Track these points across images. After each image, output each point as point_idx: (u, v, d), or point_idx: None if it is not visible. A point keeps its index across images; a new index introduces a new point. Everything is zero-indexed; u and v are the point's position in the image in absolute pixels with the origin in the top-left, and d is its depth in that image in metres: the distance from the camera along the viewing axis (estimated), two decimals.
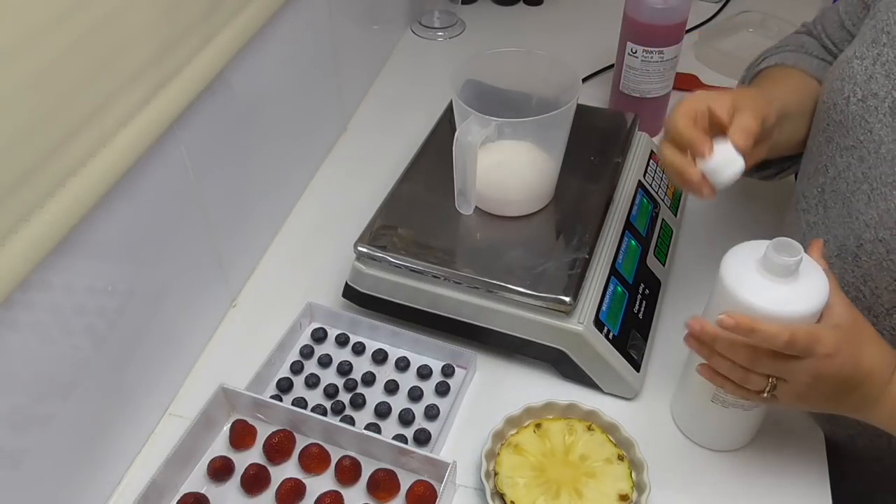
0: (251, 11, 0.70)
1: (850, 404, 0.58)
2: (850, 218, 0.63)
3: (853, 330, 0.56)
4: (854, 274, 0.64)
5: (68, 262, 0.54)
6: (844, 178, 0.64)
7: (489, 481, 0.63)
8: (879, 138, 0.60)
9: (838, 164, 0.65)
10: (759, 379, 0.57)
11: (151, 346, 0.67)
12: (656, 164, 0.88)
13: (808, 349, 0.54)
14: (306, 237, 0.89)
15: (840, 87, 0.65)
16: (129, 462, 0.67)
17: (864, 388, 0.56)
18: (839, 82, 0.65)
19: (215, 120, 0.70)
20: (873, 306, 0.63)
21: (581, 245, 0.72)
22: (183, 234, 0.69)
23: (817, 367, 0.54)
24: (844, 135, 0.64)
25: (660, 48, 0.91)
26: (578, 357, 0.70)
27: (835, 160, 0.65)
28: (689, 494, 0.65)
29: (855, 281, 0.64)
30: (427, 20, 1.24)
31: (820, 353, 0.54)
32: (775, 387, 0.56)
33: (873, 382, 0.56)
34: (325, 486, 0.65)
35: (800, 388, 0.56)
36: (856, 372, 0.55)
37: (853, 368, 0.55)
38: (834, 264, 0.65)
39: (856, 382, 0.56)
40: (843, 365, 0.54)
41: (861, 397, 0.56)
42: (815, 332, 0.54)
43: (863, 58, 0.63)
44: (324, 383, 0.72)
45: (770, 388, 0.56)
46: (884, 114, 0.60)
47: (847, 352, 0.54)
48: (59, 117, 0.49)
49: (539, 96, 0.75)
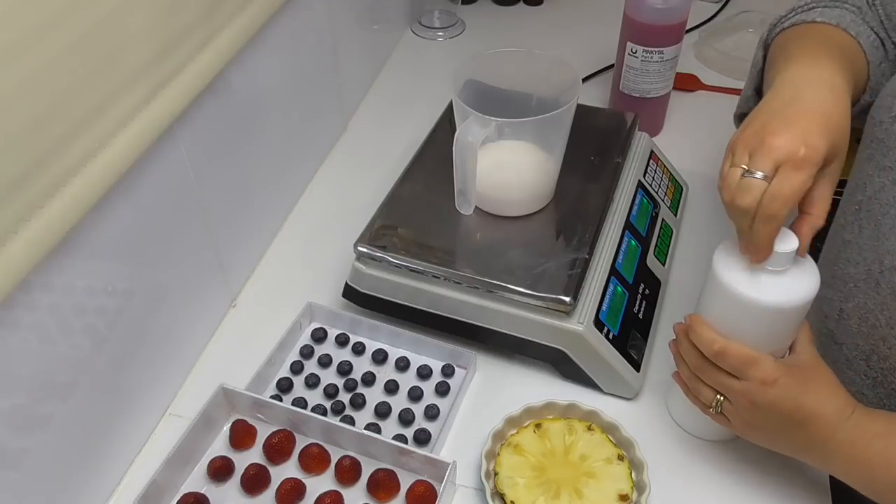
0: (251, 11, 0.70)
1: (799, 445, 0.57)
2: (877, 241, 0.61)
3: (803, 370, 0.55)
4: (874, 300, 0.62)
5: (68, 262, 0.54)
6: (878, 199, 0.62)
7: (489, 481, 0.63)
8: None
9: (875, 183, 0.62)
10: (708, 391, 0.58)
11: (151, 346, 0.67)
12: (656, 164, 0.88)
13: (742, 369, 0.54)
14: (306, 237, 0.89)
15: (889, 104, 0.60)
16: (129, 462, 0.67)
17: (807, 429, 0.55)
18: (890, 99, 0.61)
19: (215, 120, 0.70)
20: (887, 337, 0.62)
21: (581, 245, 0.72)
22: (183, 234, 0.69)
23: (753, 392, 0.54)
24: (884, 154, 0.61)
25: (660, 48, 0.91)
26: (578, 357, 0.70)
27: (872, 179, 0.62)
28: (689, 494, 0.65)
29: (874, 308, 0.62)
30: (427, 20, 1.24)
31: (755, 378, 0.54)
32: (720, 404, 0.57)
33: (819, 426, 0.54)
34: (325, 486, 0.65)
35: (743, 414, 0.56)
36: (796, 410, 0.54)
37: (792, 405, 0.54)
38: (859, 288, 0.63)
39: (798, 421, 0.54)
40: (780, 398, 0.54)
41: (808, 440, 0.55)
42: (753, 355, 0.54)
43: None
44: (324, 383, 0.72)
45: (716, 403, 0.57)
46: None
47: (785, 386, 0.54)
48: (59, 117, 0.49)
49: (539, 96, 0.75)
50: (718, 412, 0.58)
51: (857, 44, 0.63)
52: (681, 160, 0.93)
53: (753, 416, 0.56)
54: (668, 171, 0.89)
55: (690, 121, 1.04)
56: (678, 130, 1.01)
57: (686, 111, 1.04)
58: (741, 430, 0.59)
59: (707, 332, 0.55)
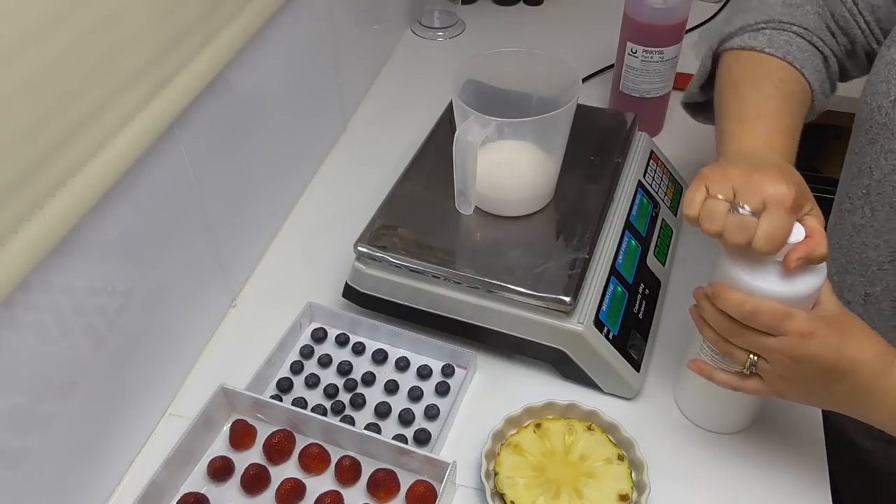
0: (251, 11, 0.70)
1: (840, 397, 0.56)
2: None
3: (836, 320, 0.55)
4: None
5: (68, 262, 0.54)
6: (890, 181, 0.62)
7: (489, 481, 0.63)
8: None
9: (883, 167, 0.63)
10: (740, 353, 0.56)
11: (151, 346, 0.67)
12: (656, 164, 0.88)
13: (777, 325, 0.53)
14: (306, 237, 0.89)
15: (886, 90, 0.63)
16: (129, 462, 0.67)
17: (851, 379, 0.54)
18: (885, 85, 0.63)
19: (215, 120, 0.70)
20: None
21: (581, 245, 0.72)
22: (183, 234, 0.69)
23: (792, 346, 0.53)
24: (889, 137, 0.62)
25: (660, 48, 0.91)
26: (578, 357, 0.70)
27: (879, 163, 0.63)
28: (689, 494, 0.65)
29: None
30: (427, 20, 1.24)
31: (792, 331, 0.53)
32: (755, 364, 0.56)
33: (862, 375, 0.54)
34: (325, 486, 0.65)
35: (780, 370, 0.55)
36: (838, 360, 0.54)
37: (834, 355, 0.53)
38: (886, 271, 0.63)
39: (841, 372, 0.54)
40: (822, 349, 0.53)
41: (850, 390, 0.55)
42: (785, 309, 0.53)
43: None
44: (324, 383, 0.72)
45: (750, 364, 0.56)
46: None
47: (825, 337, 0.53)
48: (59, 117, 0.49)
49: (539, 96, 0.75)
50: (753, 373, 0.57)
51: (801, 76, 0.67)
52: (681, 160, 0.93)
53: (793, 372, 0.55)
54: (668, 171, 0.89)
55: (690, 121, 1.03)
56: (678, 130, 1.01)
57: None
58: (779, 387, 0.57)
59: (735, 295, 0.54)
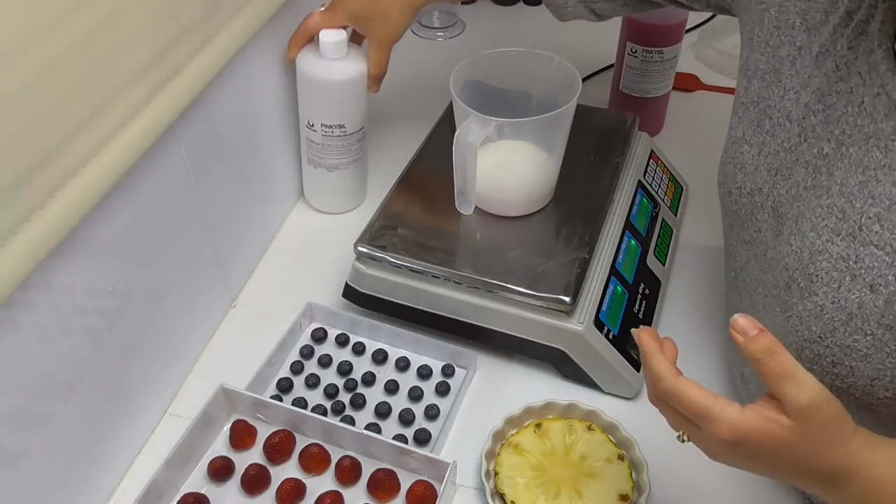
0: (251, 11, 0.70)
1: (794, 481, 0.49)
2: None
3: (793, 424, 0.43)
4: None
5: (68, 263, 0.54)
6: (747, 272, 0.59)
7: (489, 481, 0.63)
8: (766, 240, 0.55)
9: (740, 256, 0.60)
10: (671, 419, 0.49)
11: (151, 346, 0.67)
12: (656, 164, 0.88)
13: (696, 419, 0.45)
14: (306, 237, 0.89)
15: (733, 174, 0.59)
16: (129, 462, 0.67)
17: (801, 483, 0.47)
18: (732, 168, 0.59)
19: (215, 120, 0.70)
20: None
21: (581, 245, 0.72)
22: (183, 234, 0.69)
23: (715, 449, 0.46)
24: (742, 226, 0.59)
25: (660, 48, 0.91)
26: (578, 357, 0.70)
27: (738, 251, 0.61)
28: (689, 494, 0.65)
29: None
30: (427, 20, 1.24)
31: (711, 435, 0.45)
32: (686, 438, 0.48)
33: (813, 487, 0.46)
34: (326, 486, 0.65)
35: (713, 455, 0.47)
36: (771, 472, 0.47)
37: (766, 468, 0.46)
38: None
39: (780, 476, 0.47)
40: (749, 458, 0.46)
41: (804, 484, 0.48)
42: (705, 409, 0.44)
43: (751, 144, 0.58)
44: (324, 383, 0.72)
45: (680, 436, 0.48)
46: (767, 213, 0.55)
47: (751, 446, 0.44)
48: (59, 117, 0.49)
49: (539, 96, 0.75)
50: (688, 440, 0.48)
51: None
52: (681, 160, 0.93)
53: (727, 458, 0.47)
54: (668, 171, 0.89)
55: (690, 121, 1.04)
56: (678, 130, 1.01)
57: (686, 111, 1.04)
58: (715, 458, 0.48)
59: (656, 364, 0.46)
